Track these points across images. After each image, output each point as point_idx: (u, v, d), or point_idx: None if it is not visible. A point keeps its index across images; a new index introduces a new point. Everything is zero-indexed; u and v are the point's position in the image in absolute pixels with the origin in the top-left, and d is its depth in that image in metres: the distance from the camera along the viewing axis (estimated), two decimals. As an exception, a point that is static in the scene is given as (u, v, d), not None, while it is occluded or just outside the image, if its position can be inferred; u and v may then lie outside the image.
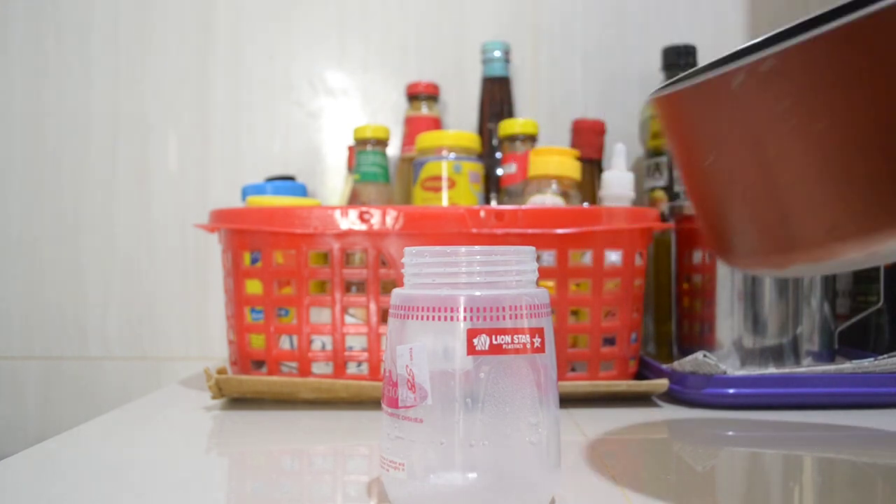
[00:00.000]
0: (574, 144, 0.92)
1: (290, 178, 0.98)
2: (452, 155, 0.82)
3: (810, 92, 0.19)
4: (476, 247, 0.38)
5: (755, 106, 0.21)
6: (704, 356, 0.63)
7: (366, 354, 0.66)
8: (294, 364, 0.67)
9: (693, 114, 0.23)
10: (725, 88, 0.21)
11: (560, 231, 0.65)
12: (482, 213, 0.65)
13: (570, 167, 0.77)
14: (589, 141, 0.91)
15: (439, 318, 0.37)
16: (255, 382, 0.63)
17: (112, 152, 1.04)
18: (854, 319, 0.76)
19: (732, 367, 0.68)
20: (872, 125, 0.19)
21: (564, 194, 0.76)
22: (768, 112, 0.20)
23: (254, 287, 0.69)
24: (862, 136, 0.19)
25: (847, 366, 0.64)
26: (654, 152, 0.91)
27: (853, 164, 0.20)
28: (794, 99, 0.20)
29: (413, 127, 0.93)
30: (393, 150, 0.97)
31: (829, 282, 0.72)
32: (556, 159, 0.76)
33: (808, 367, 0.67)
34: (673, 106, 0.24)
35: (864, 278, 0.82)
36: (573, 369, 0.69)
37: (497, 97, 0.94)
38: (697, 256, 0.73)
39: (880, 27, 0.19)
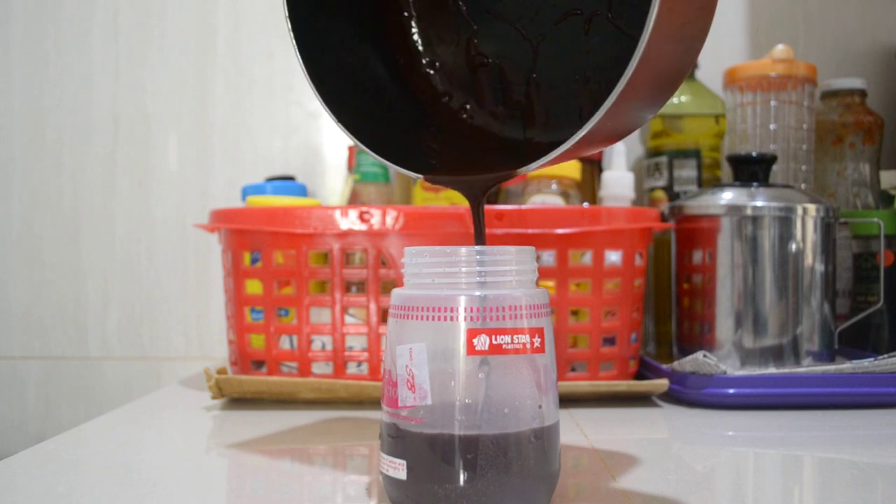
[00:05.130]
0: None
1: (290, 178, 0.98)
2: (452, 155, 0.82)
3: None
4: (476, 247, 0.38)
5: None
6: (704, 356, 0.63)
7: (366, 354, 0.66)
8: (294, 364, 0.67)
9: None
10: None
11: (560, 231, 0.65)
12: (482, 213, 0.65)
13: (570, 167, 0.77)
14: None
15: (439, 318, 0.37)
16: (255, 382, 0.63)
17: (112, 152, 1.04)
18: (854, 319, 0.76)
19: (732, 367, 0.68)
20: None
21: (564, 194, 0.76)
22: None
23: (254, 287, 0.69)
24: None
25: (847, 366, 0.64)
26: (654, 152, 0.91)
27: None
28: None
29: (413, 127, 0.93)
30: (393, 150, 0.97)
31: (829, 282, 0.72)
32: (556, 159, 0.76)
33: (808, 367, 0.67)
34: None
35: (864, 278, 0.82)
36: (573, 369, 0.69)
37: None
38: (697, 256, 0.73)
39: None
